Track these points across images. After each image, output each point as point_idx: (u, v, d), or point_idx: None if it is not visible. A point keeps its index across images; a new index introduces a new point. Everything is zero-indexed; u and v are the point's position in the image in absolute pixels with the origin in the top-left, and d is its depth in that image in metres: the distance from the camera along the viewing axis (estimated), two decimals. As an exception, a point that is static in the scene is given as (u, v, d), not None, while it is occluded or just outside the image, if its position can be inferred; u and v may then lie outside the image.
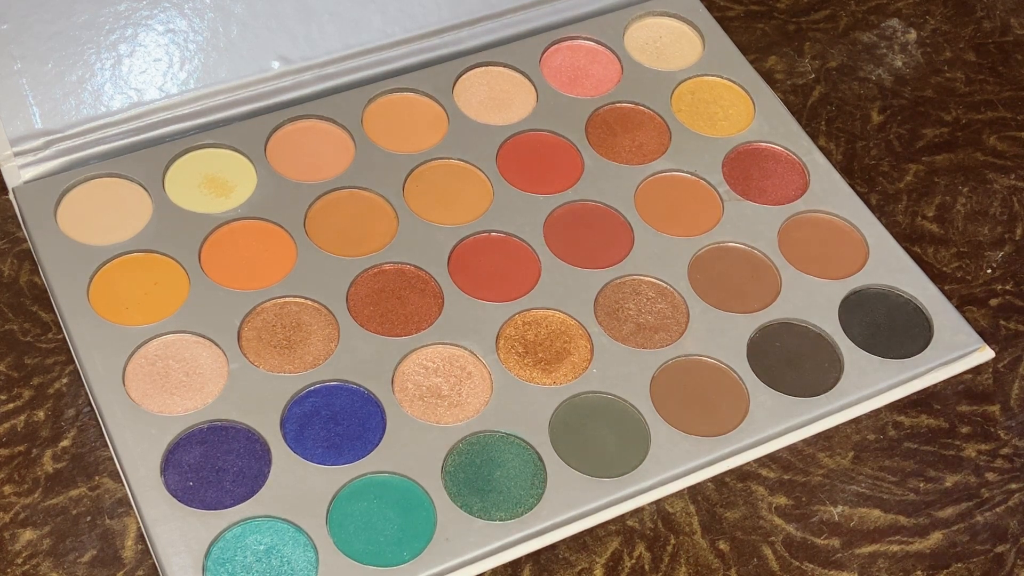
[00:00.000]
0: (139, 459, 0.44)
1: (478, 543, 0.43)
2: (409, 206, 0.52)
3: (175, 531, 0.43)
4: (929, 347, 0.49)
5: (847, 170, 0.56)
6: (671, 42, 0.59)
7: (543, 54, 0.58)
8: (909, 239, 0.54)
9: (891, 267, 0.51)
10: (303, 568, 0.42)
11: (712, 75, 0.58)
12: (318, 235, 0.51)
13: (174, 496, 0.43)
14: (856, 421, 0.48)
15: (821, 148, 0.56)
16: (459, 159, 0.54)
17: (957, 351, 0.49)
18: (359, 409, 0.46)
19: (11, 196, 0.52)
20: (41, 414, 0.47)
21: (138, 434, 0.45)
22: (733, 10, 0.62)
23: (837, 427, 0.48)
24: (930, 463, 0.47)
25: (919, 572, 0.45)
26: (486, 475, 0.45)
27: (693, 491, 0.46)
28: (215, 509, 0.43)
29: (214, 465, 0.44)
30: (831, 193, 0.54)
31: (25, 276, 0.51)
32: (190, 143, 0.53)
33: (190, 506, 0.43)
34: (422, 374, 0.47)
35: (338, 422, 0.45)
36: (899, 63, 0.60)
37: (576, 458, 0.45)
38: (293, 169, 0.53)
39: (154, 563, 0.43)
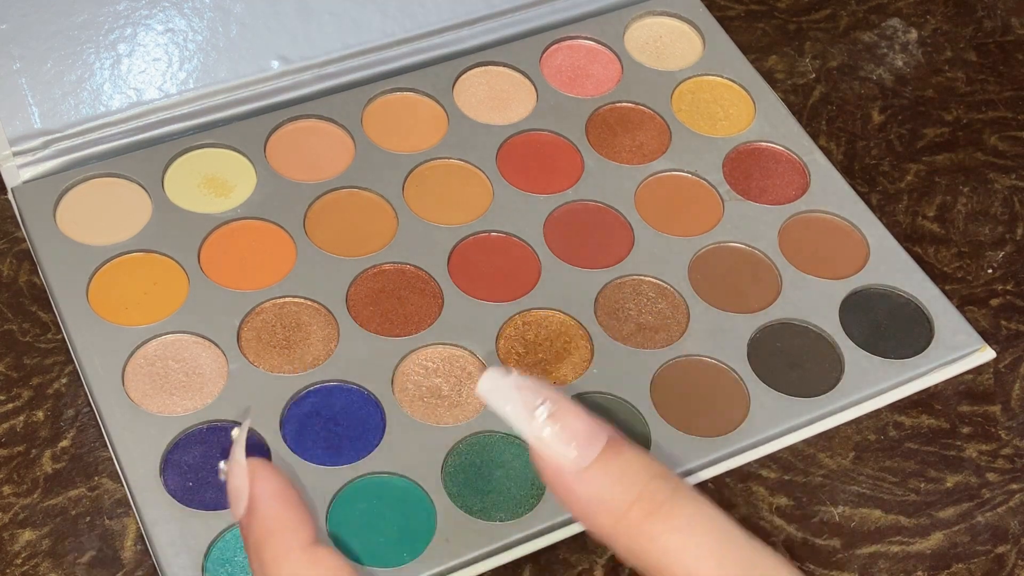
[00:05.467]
0: (138, 459, 0.44)
1: (478, 544, 0.43)
2: (409, 206, 0.52)
3: (175, 531, 0.42)
4: (930, 347, 0.49)
5: (847, 170, 0.56)
6: (671, 42, 0.59)
7: (543, 54, 0.58)
8: (910, 239, 0.54)
9: (892, 267, 0.51)
10: (303, 569, 0.42)
11: (712, 75, 0.58)
12: (318, 235, 0.50)
13: (174, 496, 0.43)
14: (857, 421, 0.48)
15: (821, 148, 0.56)
16: (459, 159, 0.54)
17: (958, 351, 0.49)
18: (359, 409, 0.46)
19: (10, 196, 0.51)
20: (40, 414, 0.47)
21: (137, 434, 0.45)
22: (733, 9, 0.62)
23: (837, 427, 0.48)
24: (931, 463, 0.47)
25: (920, 572, 0.45)
26: (486, 476, 0.45)
27: (693, 491, 0.46)
28: (215, 509, 0.43)
29: (214, 466, 0.44)
30: (832, 193, 0.53)
31: (25, 276, 0.50)
32: (189, 143, 0.53)
33: (190, 507, 0.43)
34: (422, 374, 0.47)
35: (338, 422, 0.45)
36: (900, 63, 0.60)
37: (576, 458, 0.45)
38: (293, 169, 0.53)
39: (153, 563, 0.43)
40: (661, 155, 0.54)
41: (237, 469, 0.32)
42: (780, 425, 0.47)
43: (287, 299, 0.49)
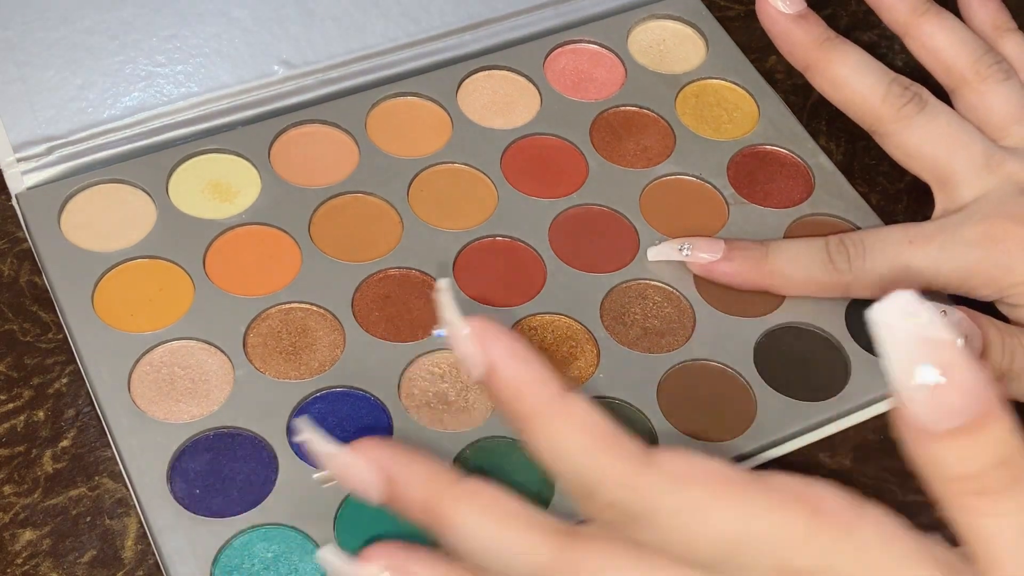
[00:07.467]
0: (145, 467, 0.44)
1: (486, 549, 0.43)
2: (414, 211, 0.52)
3: (182, 539, 0.42)
4: (934, 349, 0.49)
5: (848, 170, 0.56)
6: (675, 45, 0.59)
7: (546, 58, 0.58)
8: (913, 241, 0.54)
9: (896, 270, 0.51)
10: (311, 575, 0.42)
11: (716, 78, 0.58)
12: (323, 240, 0.50)
13: (181, 504, 0.43)
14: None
15: (821, 148, 0.56)
16: (463, 163, 0.54)
17: (962, 354, 0.49)
18: (366, 415, 0.46)
19: (14, 202, 0.51)
20: (41, 414, 0.47)
21: (144, 441, 0.45)
22: (733, 10, 0.62)
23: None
24: (935, 466, 0.47)
25: (925, 575, 0.45)
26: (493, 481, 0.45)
27: (700, 496, 0.46)
28: (222, 516, 0.43)
29: (221, 472, 0.44)
30: (837, 196, 0.54)
31: (25, 276, 0.50)
32: (193, 148, 0.53)
33: (197, 514, 0.43)
34: (429, 380, 0.47)
35: (345, 428, 0.45)
36: (900, 63, 0.60)
37: (583, 463, 0.45)
38: (297, 174, 0.52)
39: (154, 563, 0.43)
40: (666, 159, 0.54)
41: (461, 336, 0.32)
42: (787, 429, 0.47)
43: (293, 305, 0.49)
